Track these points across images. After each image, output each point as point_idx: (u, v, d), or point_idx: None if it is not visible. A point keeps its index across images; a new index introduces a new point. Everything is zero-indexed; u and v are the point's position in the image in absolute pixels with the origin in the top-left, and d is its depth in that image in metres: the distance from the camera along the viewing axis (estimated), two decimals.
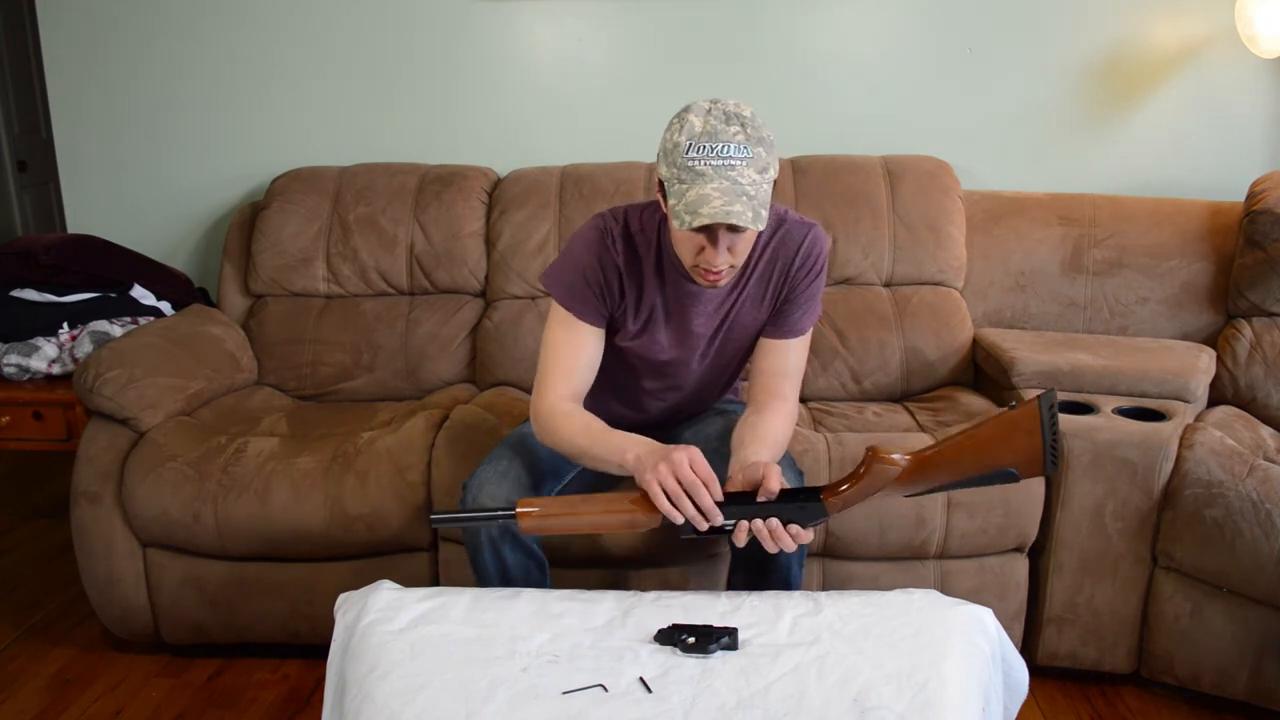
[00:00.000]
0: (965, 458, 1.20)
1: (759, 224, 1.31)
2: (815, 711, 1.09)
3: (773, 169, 1.36)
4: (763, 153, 1.33)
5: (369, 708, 1.12)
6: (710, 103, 1.35)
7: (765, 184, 1.33)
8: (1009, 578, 1.92)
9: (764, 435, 1.45)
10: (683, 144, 1.32)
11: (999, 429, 1.19)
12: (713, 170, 1.30)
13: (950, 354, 2.30)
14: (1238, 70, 2.50)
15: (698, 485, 1.25)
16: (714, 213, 1.28)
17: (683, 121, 1.34)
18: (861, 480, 1.23)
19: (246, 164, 2.71)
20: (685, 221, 1.30)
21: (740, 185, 1.30)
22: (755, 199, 1.31)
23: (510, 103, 2.65)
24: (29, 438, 2.27)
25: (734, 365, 1.68)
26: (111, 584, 2.00)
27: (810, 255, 1.53)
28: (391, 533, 1.93)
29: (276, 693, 1.97)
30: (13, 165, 4.36)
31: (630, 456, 1.34)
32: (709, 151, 1.30)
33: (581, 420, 1.47)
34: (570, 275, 1.52)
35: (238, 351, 2.38)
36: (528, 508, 1.27)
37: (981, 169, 2.59)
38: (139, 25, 2.65)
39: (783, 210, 1.56)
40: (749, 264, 1.53)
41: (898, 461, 1.21)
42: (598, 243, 1.52)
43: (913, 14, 2.57)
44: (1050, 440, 1.18)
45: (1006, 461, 1.20)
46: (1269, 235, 2.19)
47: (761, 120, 1.35)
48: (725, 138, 1.31)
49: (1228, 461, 1.80)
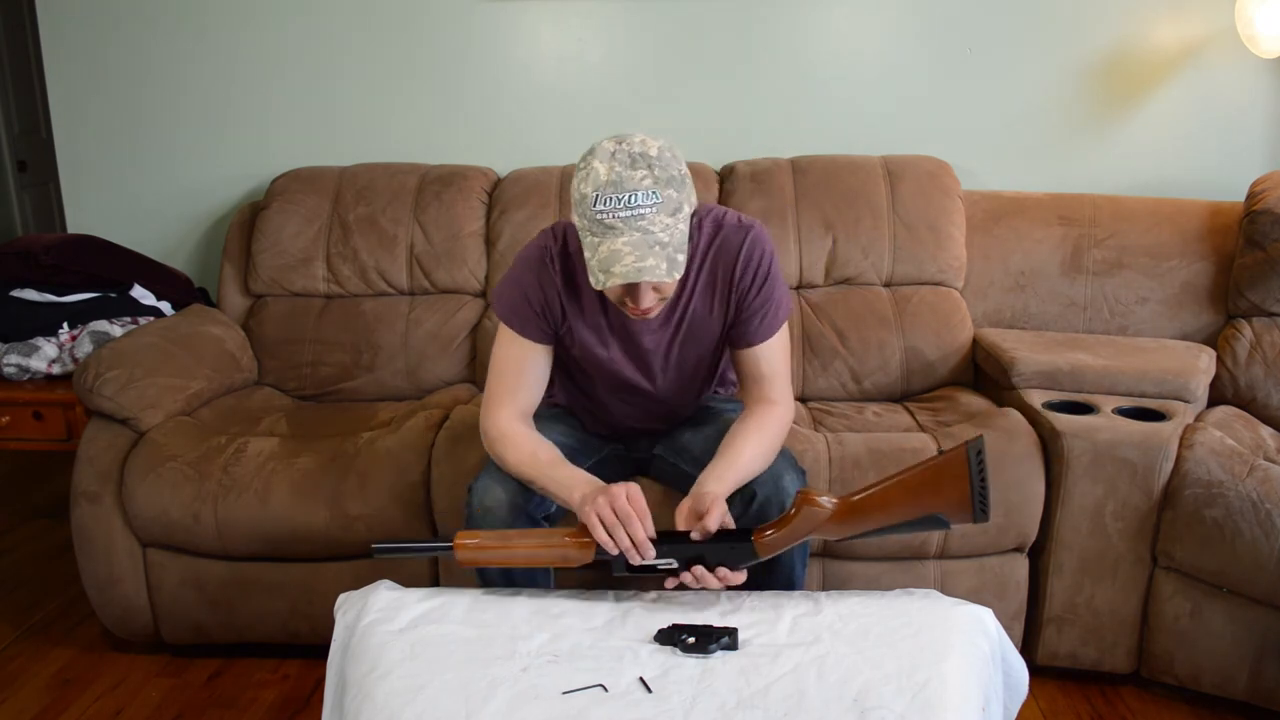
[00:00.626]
0: (894, 503, 1.22)
1: (675, 274, 1.30)
2: (815, 711, 1.09)
3: (687, 206, 1.34)
4: (674, 194, 1.31)
5: (369, 708, 1.12)
6: (615, 143, 1.31)
7: (680, 224, 1.32)
8: (1009, 578, 1.92)
9: (739, 446, 1.45)
10: (589, 195, 1.29)
11: (927, 475, 1.20)
12: (622, 223, 1.28)
13: (950, 354, 2.30)
14: (1238, 70, 2.50)
15: (632, 518, 1.26)
16: (626, 272, 1.27)
17: (588, 169, 1.31)
18: (791, 522, 1.25)
19: (246, 164, 2.71)
20: (600, 280, 1.29)
21: (652, 234, 1.28)
22: (670, 245, 1.29)
23: (510, 103, 2.65)
24: (29, 438, 2.27)
25: (701, 374, 1.66)
26: (111, 584, 2.01)
27: (751, 260, 1.50)
28: (391, 533, 1.92)
29: (276, 693, 1.97)
30: (13, 165, 4.36)
31: (576, 495, 1.34)
32: (616, 203, 1.27)
33: (529, 447, 1.47)
34: (513, 294, 1.52)
35: (238, 351, 2.38)
36: (465, 539, 1.29)
37: (981, 169, 2.60)
38: (139, 25, 2.65)
39: (720, 214, 1.54)
40: (687, 280, 1.52)
41: (825, 506, 1.23)
42: (537, 262, 1.51)
43: (913, 14, 2.57)
44: (979, 487, 1.17)
45: (936, 508, 1.20)
46: (1269, 235, 2.19)
47: (672, 154, 1.32)
48: (632, 185, 1.28)
49: (1228, 461, 1.79)
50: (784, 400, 1.55)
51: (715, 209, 1.56)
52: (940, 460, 1.19)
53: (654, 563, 1.27)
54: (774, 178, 2.44)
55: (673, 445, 1.73)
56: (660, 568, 1.27)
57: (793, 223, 2.39)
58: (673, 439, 1.74)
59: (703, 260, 1.52)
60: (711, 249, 1.52)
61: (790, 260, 2.39)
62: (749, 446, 1.46)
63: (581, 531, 1.29)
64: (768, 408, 1.53)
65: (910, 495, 1.21)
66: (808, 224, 2.39)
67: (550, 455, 1.46)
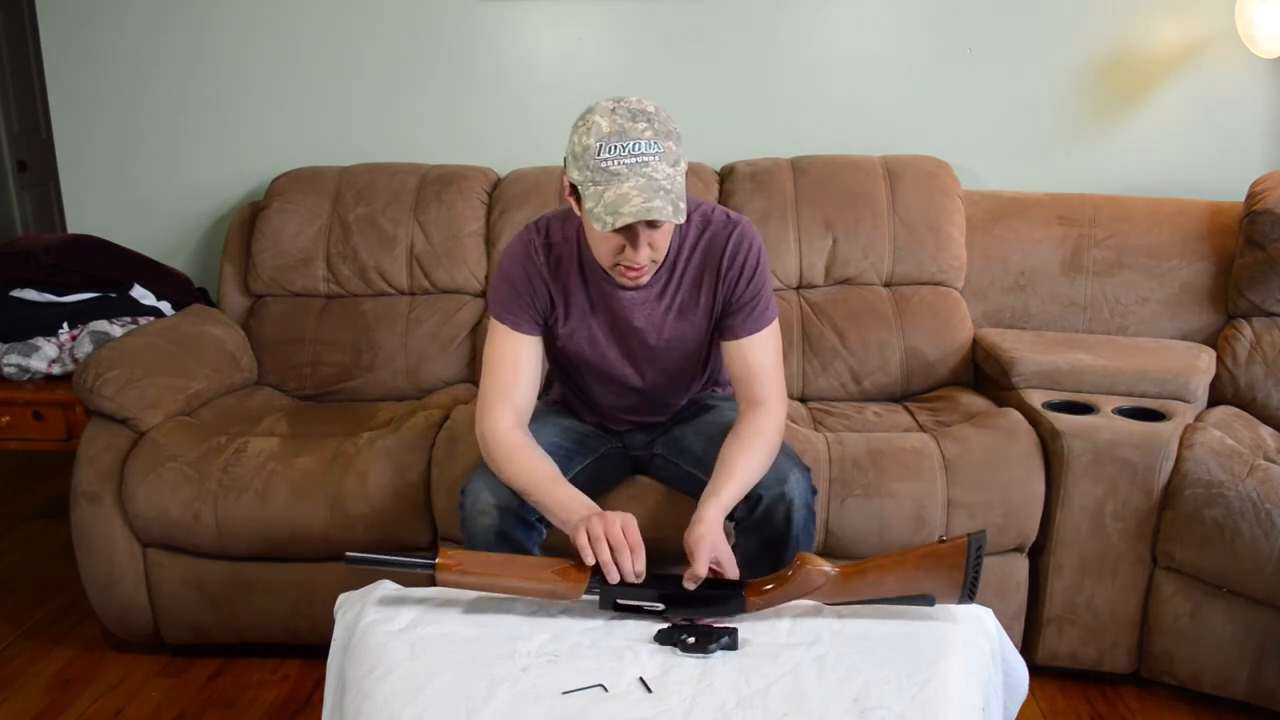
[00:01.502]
0: (889, 580, 1.24)
1: (679, 217, 1.31)
2: (815, 711, 1.09)
3: (683, 161, 1.37)
4: (673, 146, 1.34)
5: (369, 708, 1.12)
6: (614, 102, 1.35)
7: (679, 177, 1.34)
8: (1009, 578, 1.92)
9: (732, 459, 1.44)
10: (593, 146, 1.32)
11: (926, 560, 1.22)
12: (627, 169, 1.30)
13: (950, 354, 2.30)
14: (1238, 70, 2.50)
15: (624, 547, 1.26)
16: (635, 210, 1.28)
17: (588, 124, 1.33)
18: (788, 583, 1.25)
19: (246, 164, 2.71)
20: (607, 223, 1.30)
21: (656, 180, 1.30)
22: (672, 193, 1.31)
23: (510, 103, 2.65)
24: (29, 438, 2.27)
25: (690, 364, 1.66)
26: (111, 584, 2.01)
27: (738, 255, 1.51)
28: (391, 533, 1.93)
29: (276, 693, 1.97)
30: (13, 165, 4.36)
31: (574, 518, 1.33)
32: (621, 150, 1.30)
33: (526, 460, 1.47)
34: (502, 288, 1.54)
35: (238, 351, 2.38)
36: (448, 559, 1.27)
37: (981, 169, 2.60)
38: (139, 25, 2.65)
39: (709, 209, 1.56)
40: (676, 267, 1.52)
41: (826, 572, 1.24)
42: (523, 254, 1.53)
43: (913, 14, 2.57)
44: (972, 577, 1.21)
45: (926, 589, 1.23)
46: (1269, 235, 2.19)
47: (668, 114, 1.36)
48: (635, 135, 1.31)
49: (1228, 461, 1.80)
50: (774, 398, 1.53)
51: (703, 204, 1.56)
52: (942, 548, 1.22)
53: (640, 603, 1.27)
54: (774, 178, 2.44)
55: (672, 444, 1.73)
56: (646, 608, 1.27)
57: (793, 223, 2.39)
58: (672, 438, 1.74)
59: (691, 252, 1.53)
60: (701, 241, 1.53)
61: (790, 260, 2.39)
62: (743, 457, 1.45)
63: (568, 569, 1.28)
64: (757, 411, 1.51)
65: (907, 574, 1.23)
66: (808, 224, 2.39)
67: (548, 471, 1.45)
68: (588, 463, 1.69)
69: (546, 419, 1.73)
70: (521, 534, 1.53)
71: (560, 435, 1.68)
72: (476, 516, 1.52)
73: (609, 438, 1.77)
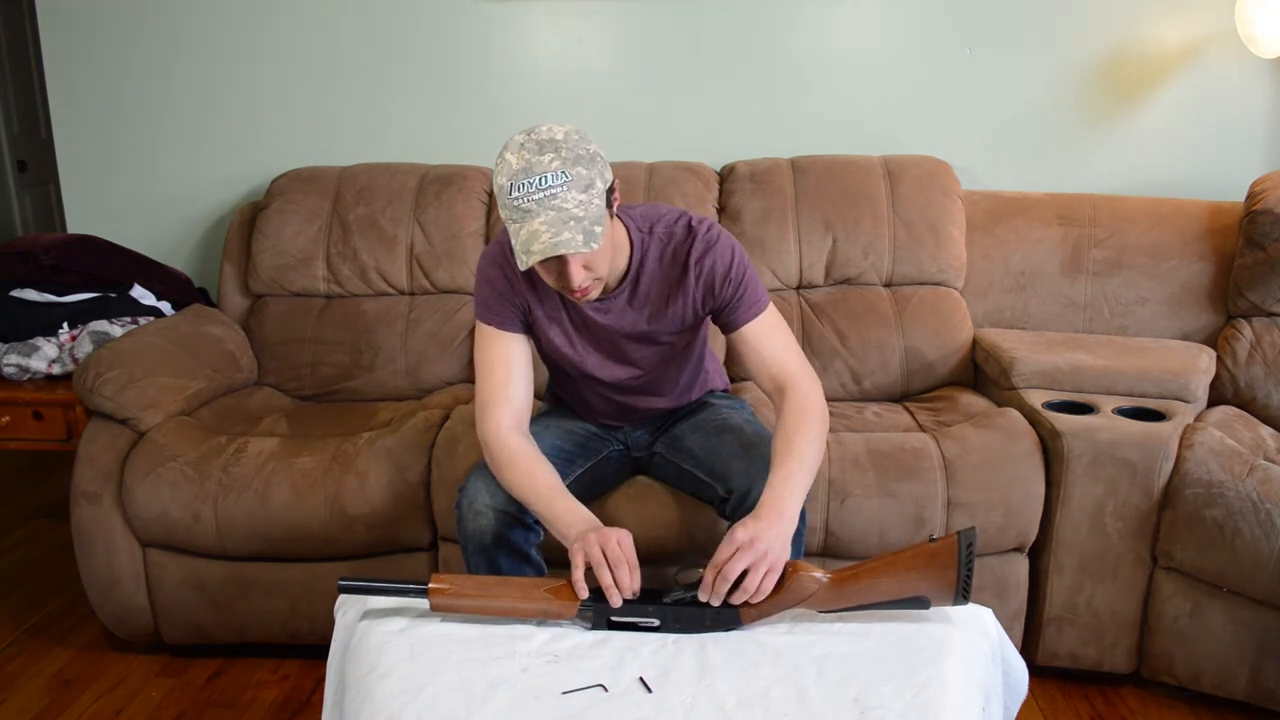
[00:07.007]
0: (882, 583, 1.24)
1: (592, 244, 1.32)
2: (815, 711, 1.09)
3: (600, 181, 1.36)
4: (583, 171, 1.34)
5: (369, 708, 1.12)
6: (525, 135, 1.35)
7: (594, 200, 1.34)
8: (1009, 578, 1.92)
9: (780, 456, 1.41)
10: (505, 186, 1.33)
11: (917, 560, 1.23)
12: (536, 204, 1.32)
13: (950, 354, 2.30)
14: (1238, 70, 2.50)
15: (621, 562, 1.27)
16: (544, 248, 1.30)
17: (502, 162, 1.35)
18: (780, 593, 1.25)
19: (246, 164, 2.71)
20: (523, 261, 1.32)
21: (566, 210, 1.31)
22: (585, 219, 1.32)
23: (510, 103, 2.65)
24: (29, 438, 2.27)
25: (674, 366, 1.67)
26: (111, 584, 2.01)
27: (704, 264, 1.52)
28: (391, 533, 1.93)
29: (276, 693, 1.97)
30: (13, 165, 4.36)
31: (573, 533, 1.34)
32: (529, 187, 1.32)
33: (525, 468, 1.47)
34: (483, 290, 1.56)
35: (238, 351, 2.38)
36: (440, 584, 1.27)
37: (981, 169, 2.60)
38: (139, 25, 2.65)
39: (674, 219, 1.55)
40: (640, 282, 1.54)
41: (819, 579, 1.25)
42: (499, 256, 1.55)
43: (913, 14, 2.57)
44: (964, 575, 1.21)
45: (920, 590, 1.23)
46: (1269, 235, 2.19)
47: (579, 135, 1.35)
48: (541, 169, 1.31)
49: (1228, 461, 1.80)
50: (798, 376, 1.52)
51: (667, 214, 1.56)
52: (932, 547, 1.22)
53: (635, 620, 1.27)
54: (774, 178, 2.44)
55: (673, 444, 1.73)
56: (641, 625, 1.27)
57: (793, 223, 2.39)
58: (672, 437, 1.74)
59: (656, 264, 1.54)
60: (665, 254, 1.54)
61: (790, 260, 2.39)
62: (797, 435, 1.43)
63: (561, 588, 1.28)
64: (786, 395, 1.51)
65: (899, 577, 1.23)
66: (808, 224, 2.39)
67: (548, 480, 1.46)
68: (588, 465, 1.70)
69: (548, 421, 1.74)
70: (519, 536, 1.53)
71: (561, 438, 1.68)
72: (473, 518, 1.52)
73: (610, 439, 1.77)
